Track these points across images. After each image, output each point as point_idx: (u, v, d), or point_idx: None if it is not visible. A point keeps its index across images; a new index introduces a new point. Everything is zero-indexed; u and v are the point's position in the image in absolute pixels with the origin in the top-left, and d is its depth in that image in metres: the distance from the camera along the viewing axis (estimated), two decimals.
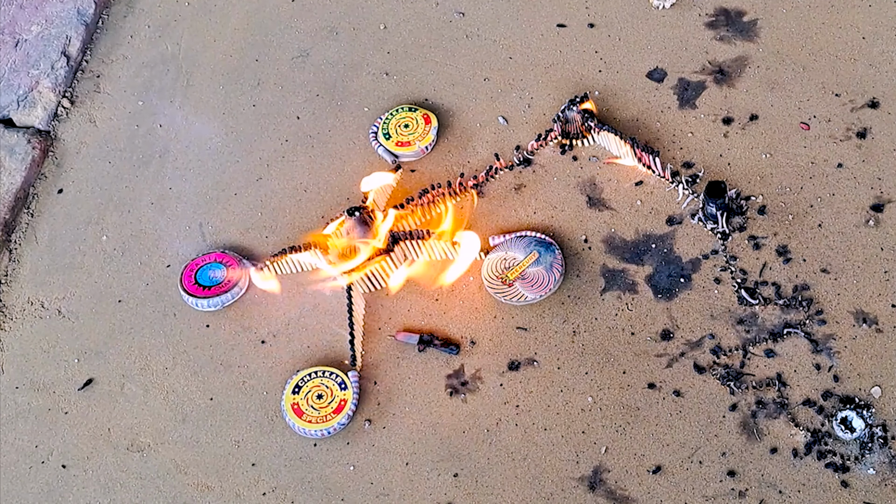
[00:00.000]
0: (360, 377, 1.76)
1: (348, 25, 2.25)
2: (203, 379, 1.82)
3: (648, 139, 1.95)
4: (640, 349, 1.73)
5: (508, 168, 1.96)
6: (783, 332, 1.70)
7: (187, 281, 1.89)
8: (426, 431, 1.70)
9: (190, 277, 1.89)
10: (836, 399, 1.63)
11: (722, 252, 1.80)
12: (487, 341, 1.78)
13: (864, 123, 1.91)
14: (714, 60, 2.04)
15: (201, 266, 1.91)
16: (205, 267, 1.91)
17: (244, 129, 2.12)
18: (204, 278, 1.89)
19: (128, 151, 2.13)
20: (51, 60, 2.25)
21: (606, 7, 2.16)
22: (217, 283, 1.88)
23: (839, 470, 1.58)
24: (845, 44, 2.02)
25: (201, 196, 2.04)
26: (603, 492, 1.61)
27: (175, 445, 1.76)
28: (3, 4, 2.35)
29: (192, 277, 1.89)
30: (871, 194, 1.82)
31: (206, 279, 1.88)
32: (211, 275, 1.88)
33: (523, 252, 1.83)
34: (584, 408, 1.69)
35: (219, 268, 1.89)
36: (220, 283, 1.88)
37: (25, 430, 1.81)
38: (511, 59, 2.12)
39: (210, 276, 1.88)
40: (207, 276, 1.89)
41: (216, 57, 2.25)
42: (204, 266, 1.91)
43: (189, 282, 1.89)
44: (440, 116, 2.05)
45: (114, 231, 2.02)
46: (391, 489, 1.66)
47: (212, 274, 1.89)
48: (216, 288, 1.87)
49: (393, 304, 1.84)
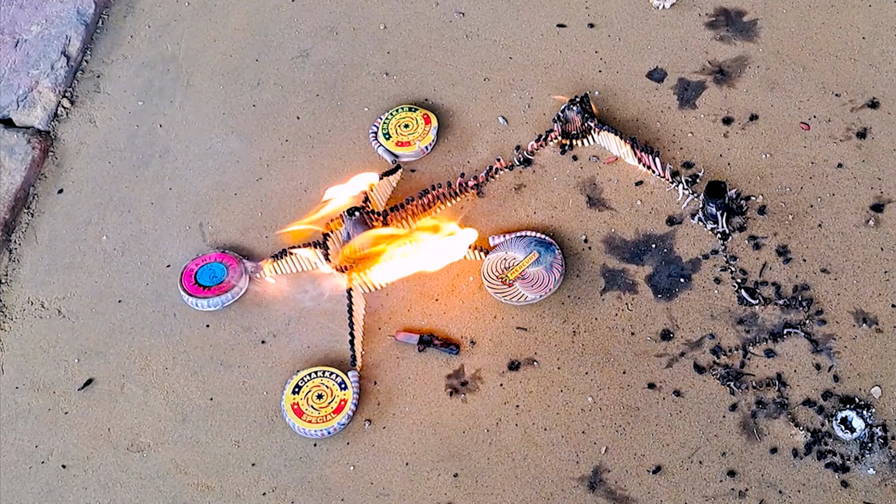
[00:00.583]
0: (360, 377, 1.76)
1: (348, 25, 2.25)
2: (203, 379, 1.82)
3: (648, 139, 1.95)
4: (640, 349, 1.73)
5: (508, 168, 1.96)
6: (783, 332, 1.70)
7: (187, 281, 1.89)
8: (426, 431, 1.70)
9: (190, 277, 1.89)
10: (836, 399, 1.63)
11: (722, 252, 1.80)
12: (487, 341, 1.78)
13: (864, 123, 1.91)
14: (714, 60, 2.04)
15: (201, 266, 1.91)
16: (205, 267, 1.90)
17: (244, 129, 2.12)
18: (204, 278, 1.88)
19: (128, 151, 2.13)
20: (51, 60, 2.25)
21: (606, 7, 2.16)
22: (217, 282, 1.88)
23: (839, 470, 1.58)
24: (845, 44, 2.02)
25: (201, 196, 2.04)
26: (603, 492, 1.61)
27: (175, 445, 1.76)
28: (3, 4, 2.35)
29: (192, 277, 1.89)
30: (871, 194, 1.83)
31: (207, 279, 1.88)
32: (211, 274, 1.88)
33: (523, 252, 1.83)
34: (584, 408, 1.69)
35: (219, 267, 1.89)
36: (221, 282, 1.88)
37: (25, 430, 1.81)
38: (511, 59, 2.12)
39: (210, 276, 1.88)
40: (208, 276, 1.88)
41: (216, 57, 2.25)
42: (204, 266, 1.91)
43: (189, 282, 1.89)
44: (440, 116, 2.05)
45: (114, 231, 2.02)
46: (391, 489, 1.66)
47: (212, 274, 1.88)
48: (216, 288, 1.87)
49: (393, 304, 1.84)
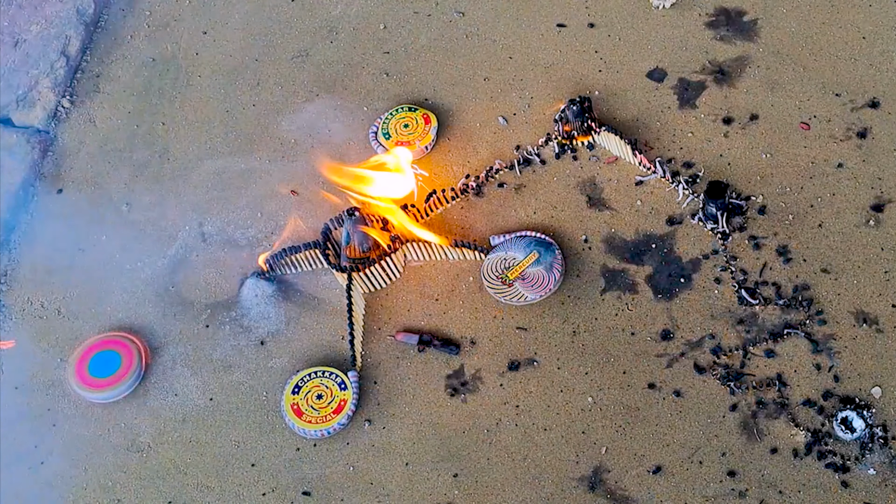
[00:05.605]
0: (360, 377, 1.76)
1: (348, 25, 2.25)
2: (203, 379, 1.82)
3: (648, 139, 1.95)
4: (640, 349, 1.73)
5: (509, 168, 1.96)
6: (783, 332, 1.70)
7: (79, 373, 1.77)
8: (426, 431, 1.70)
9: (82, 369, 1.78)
10: (837, 399, 1.63)
11: (722, 252, 1.80)
12: (487, 341, 1.78)
13: (864, 123, 1.91)
14: (714, 60, 2.04)
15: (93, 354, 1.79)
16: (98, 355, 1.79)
17: (244, 129, 2.12)
18: (97, 369, 1.76)
19: (128, 151, 2.13)
20: (50, 60, 2.25)
21: (606, 7, 2.16)
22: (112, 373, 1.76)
23: (839, 470, 1.58)
24: (845, 44, 2.02)
25: (201, 196, 2.04)
26: (603, 492, 1.61)
27: (175, 445, 1.76)
28: (2, 4, 2.35)
29: (83, 368, 1.78)
30: (872, 194, 1.83)
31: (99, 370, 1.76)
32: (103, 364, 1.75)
33: (523, 252, 1.83)
34: (584, 408, 1.69)
35: (112, 355, 1.78)
36: (115, 372, 1.76)
37: (25, 430, 1.81)
38: (511, 59, 2.12)
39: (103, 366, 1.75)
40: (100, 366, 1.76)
41: (216, 57, 2.25)
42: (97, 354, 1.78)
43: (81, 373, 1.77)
44: (440, 116, 2.05)
45: (114, 231, 2.02)
46: (391, 489, 1.66)
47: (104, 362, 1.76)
48: (111, 378, 1.76)
49: (393, 304, 1.84)
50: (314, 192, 1.99)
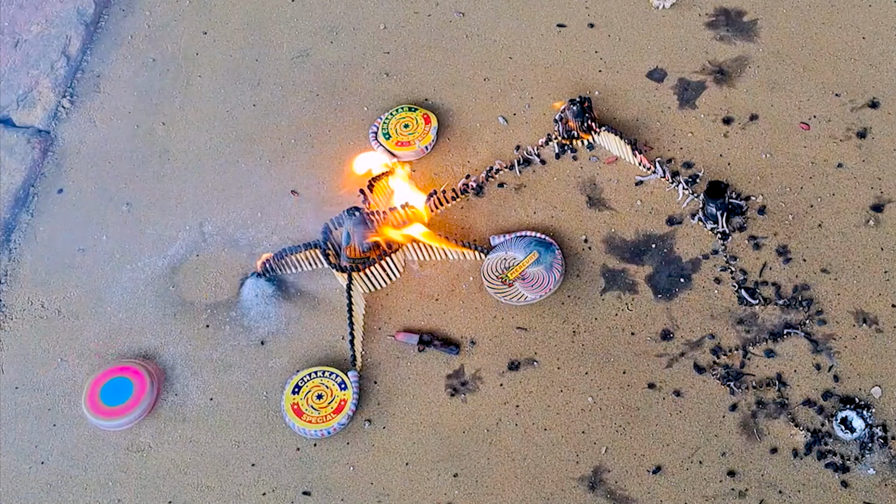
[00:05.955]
0: (360, 377, 1.76)
1: (348, 25, 2.25)
2: (203, 379, 1.82)
3: (648, 139, 1.95)
4: (640, 349, 1.73)
5: (509, 168, 1.96)
6: (783, 332, 1.70)
7: (91, 400, 1.77)
8: (426, 431, 1.71)
9: (94, 396, 1.78)
10: (836, 399, 1.63)
11: (722, 252, 1.80)
12: (487, 341, 1.78)
13: (864, 123, 1.91)
14: (714, 60, 2.04)
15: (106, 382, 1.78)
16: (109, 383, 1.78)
17: (244, 129, 2.12)
18: (109, 396, 1.76)
19: (128, 151, 2.13)
20: (51, 60, 2.25)
21: (606, 7, 2.16)
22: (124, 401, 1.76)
23: (839, 470, 1.58)
24: (845, 44, 2.02)
25: (201, 196, 2.04)
26: (603, 492, 1.61)
27: (175, 445, 1.76)
28: (3, 4, 2.35)
29: (96, 395, 1.77)
30: (871, 194, 1.83)
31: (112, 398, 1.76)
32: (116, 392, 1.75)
33: (523, 252, 1.83)
34: (584, 408, 1.69)
35: (125, 382, 1.77)
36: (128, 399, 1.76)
37: (25, 430, 1.81)
38: (511, 59, 2.12)
39: (115, 394, 1.75)
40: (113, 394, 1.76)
41: (216, 57, 2.25)
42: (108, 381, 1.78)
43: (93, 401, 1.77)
44: (440, 116, 2.05)
45: (114, 231, 2.02)
46: (391, 489, 1.66)
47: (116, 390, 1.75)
48: (123, 407, 1.76)
49: (393, 304, 1.84)
50: (314, 192, 1.99)
